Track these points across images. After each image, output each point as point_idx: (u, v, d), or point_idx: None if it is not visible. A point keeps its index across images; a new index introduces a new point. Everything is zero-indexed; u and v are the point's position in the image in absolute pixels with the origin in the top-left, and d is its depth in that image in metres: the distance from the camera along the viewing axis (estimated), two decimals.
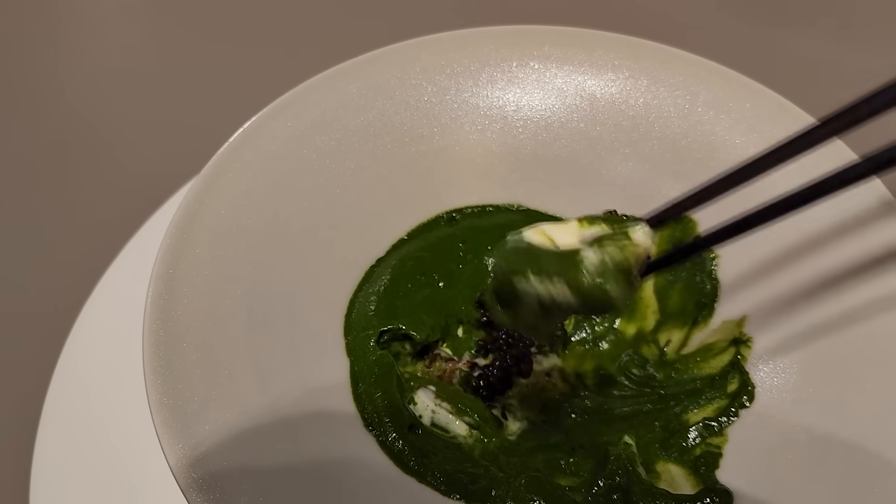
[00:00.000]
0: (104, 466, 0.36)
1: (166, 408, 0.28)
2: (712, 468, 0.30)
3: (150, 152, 0.56)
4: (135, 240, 0.44)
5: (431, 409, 0.34)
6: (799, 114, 0.38)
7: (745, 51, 0.62)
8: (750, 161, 0.29)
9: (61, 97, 0.61)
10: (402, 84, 0.41)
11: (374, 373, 0.34)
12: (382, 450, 0.31)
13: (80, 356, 0.40)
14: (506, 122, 0.42)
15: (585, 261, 0.27)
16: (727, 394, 0.33)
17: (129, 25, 0.68)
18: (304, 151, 0.38)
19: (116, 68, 0.64)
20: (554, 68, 0.42)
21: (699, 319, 0.36)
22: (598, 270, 0.27)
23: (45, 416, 0.38)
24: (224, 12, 0.68)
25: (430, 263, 0.39)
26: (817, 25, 0.65)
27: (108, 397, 0.38)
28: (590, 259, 0.27)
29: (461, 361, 0.38)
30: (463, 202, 0.41)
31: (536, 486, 0.30)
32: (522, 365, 0.37)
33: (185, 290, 0.32)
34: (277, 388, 0.31)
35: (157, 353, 0.30)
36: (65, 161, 0.55)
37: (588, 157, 0.41)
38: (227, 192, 0.35)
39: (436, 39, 0.43)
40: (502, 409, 0.36)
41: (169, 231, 0.33)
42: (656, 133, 0.40)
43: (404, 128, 0.41)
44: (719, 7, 0.67)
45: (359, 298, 0.37)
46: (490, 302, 0.31)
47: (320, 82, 0.40)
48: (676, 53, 0.41)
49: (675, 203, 0.30)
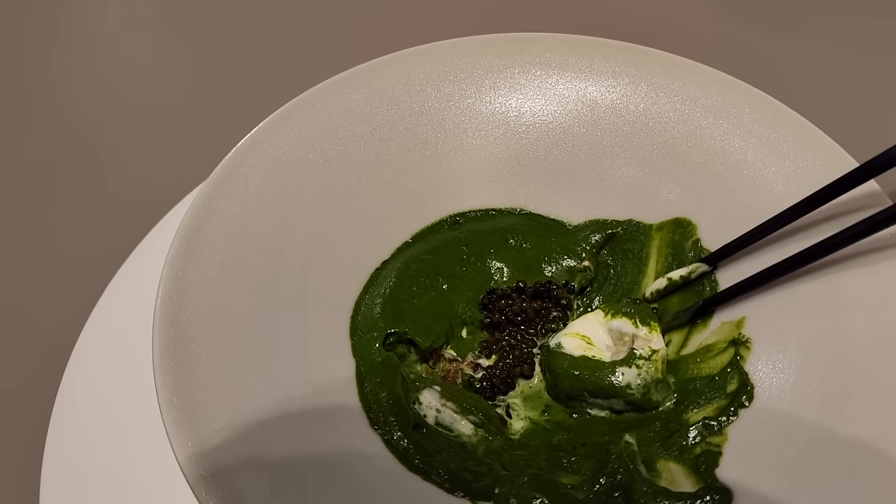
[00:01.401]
0: (114, 465, 0.37)
1: (175, 407, 0.29)
2: (712, 466, 0.30)
3: (161, 157, 0.56)
4: (145, 242, 0.45)
5: (436, 408, 0.34)
6: (796, 119, 0.39)
7: (744, 56, 0.62)
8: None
9: (72, 104, 0.61)
10: (407, 90, 0.42)
11: (379, 373, 0.34)
12: (388, 448, 0.31)
13: (91, 356, 0.40)
14: (508, 127, 0.42)
15: (632, 384, 0.34)
16: (727, 393, 0.33)
17: (136, 36, 0.69)
18: (310, 156, 0.39)
19: (126, 76, 0.65)
20: (555, 75, 0.43)
21: (698, 321, 0.37)
22: (641, 388, 0.34)
23: (55, 415, 0.38)
24: (231, 21, 0.69)
25: (434, 266, 0.39)
26: (815, 31, 0.65)
27: (119, 397, 0.38)
28: (633, 381, 0.34)
29: (465, 362, 0.38)
30: (466, 206, 0.42)
31: (539, 483, 0.30)
32: (525, 366, 0.38)
33: (194, 292, 0.32)
34: (284, 388, 0.32)
35: (166, 354, 0.30)
36: (76, 166, 0.56)
37: (589, 162, 0.42)
38: (235, 195, 0.36)
39: (439, 47, 0.43)
40: (506, 409, 0.36)
41: (178, 234, 0.34)
42: (656, 138, 0.41)
43: (409, 133, 0.41)
44: (717, 14, 0.67)
45: (364, 300, 0.37)
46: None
47: (326, 89, 0.41)
48: (675, 60, 0.42)
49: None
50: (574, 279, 0.40)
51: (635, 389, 0.34)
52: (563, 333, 0.37)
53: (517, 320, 0.39)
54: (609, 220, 0.41)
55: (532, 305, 0.39)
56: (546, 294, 0.40)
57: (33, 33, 0.68)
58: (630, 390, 0.34)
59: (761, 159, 0.38)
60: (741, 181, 0.38)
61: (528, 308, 0.39)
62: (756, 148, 0.39)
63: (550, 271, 0.40)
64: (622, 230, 0.41)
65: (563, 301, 0.40)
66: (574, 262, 0.40)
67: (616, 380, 0.34)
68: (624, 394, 0.34)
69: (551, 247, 0.41)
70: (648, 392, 0.34)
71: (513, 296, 0.40)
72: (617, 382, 0.34)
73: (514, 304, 0.39)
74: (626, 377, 0.34)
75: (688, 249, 0.39)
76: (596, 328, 0.36)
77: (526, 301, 0.40)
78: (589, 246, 0.41)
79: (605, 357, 0.35)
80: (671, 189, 0.40)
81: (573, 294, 0.40)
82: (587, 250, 0.40)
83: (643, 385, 0.34)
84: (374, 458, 0.31)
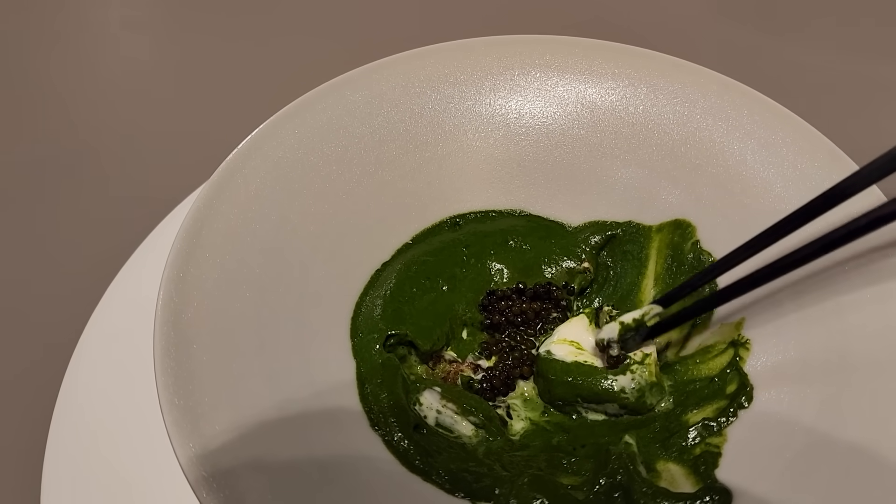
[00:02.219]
0: (115, 465, 0.37)
1: (177, 408, 0.29)
2: (712, 467, 0.31)
3: (161, 159, 0.56)
4: (146, 243, 0.45)
5: (437, 409, 0.34)
6: (796, 121, 0.39)
7: (743, 59, 0.63)
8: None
9: (75, 106, 0.62)
10: (407, 92, 0.42)
11: (380, 374, 0.34)
12: (388, 449, 0.31)
13: (93, 357, 0.40)
14: (508, 129, 0.43)
15: (626, 388, 0.34)
16: (726, 394, 0.33)
17: (139, 37, 0.69)
18: (311, 158, 0.39)
19: (128, 77, 0.65)
20: (555, 77, 0.43)
21: (697, 322, 0.37)
22: (636, 391, 0.34)
23: (56, 416, 0.38)
24: (231, 22, 0.69)
25: (435, 267, 0.39)
26: (814, 33, 0.66)
27: (120, 398, 0.38)
28: (627, 384, 0.34)
29: (465, 363, 0.38)
30: (466, 207, 0.42)
31: (539, 484, 0.30)
32: (525, 367, 0.38)
33: (195, 293, 0.33)
34: (285, 389, 0.32)
35: (167, 355, 0.30)
36: (78, 167, 0.56)
37: (588, 163, 0.42)
38: (235, 197, 0.36)
39: (439, 49, 0.43)
40: (507, 409, 0.36)
41: (179, 235, 0.34)
42: (655, 140, 0.41)
43: (409, 135, 0.42)
44: (717, 16, 0.68)
45: (365, 302, 0.37)
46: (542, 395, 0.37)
47: (327, 91, 0.41)
48: (675, 62, 0.42)
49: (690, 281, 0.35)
50: (574, 280, 0.40)
51: (629, 393, 0.34)
52: (552, 341, 0.37)
53: (517, 321, 0.39)
54: (609, 221, 0.41)
55: (532, 307, 0.40)
56: (546, 295, 0.40)
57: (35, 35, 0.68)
58: (624, 394, 0.34)
59: (760, 161, 0.38)
60: (740, 183, 0.38)
61: (527, 309, 0.39)
62: (755, 150, 0.39)
63: (550, 273, 0.40)
64: (622, 231, 0.41)
65: (563, 302, 0.40)
66: (574, 263, 0.41)
67: (610, 384, 0.34)
68: (618, 398, 0.34)
69: (551, 248, 0.41)
70: (643, 395, 0.34)
71: (513, 297, 0.40)
72: (611, 387, 0.34)
73: (514, 306, 0.40)
74: (620, 381, 0.34)
75: (687, 251, 0.39)
76: (584, 333, 0.37)
77: (526, 302, 0.40)
78: (588, 247, 0.41)
79: (597, 362, 0.35)
80: (670, 191, 0.40)
81: (573, 295, 0.41)
82: (587, 251, 0.41)
83: (637, 389, 0.34)
84: (374, 458, 0.31)
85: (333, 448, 0.31)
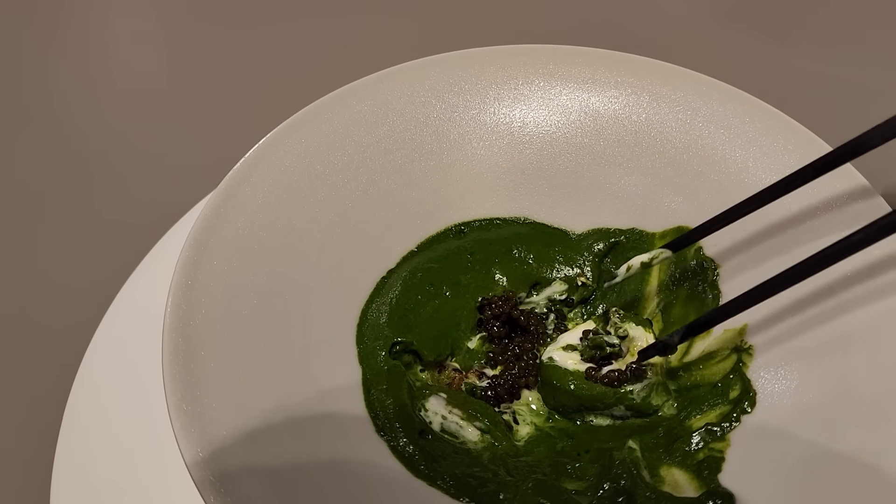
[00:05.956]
0: (124, 470, 0.37)
1: (185, 414, 0.29)
2: (715, 472, 0.31)
3: (170, 168, 0.57)
4: (154, 251, 0.46)
5: (442, 415, 0.35)
6: (797, 128, 0.39)
7: (745, 67, 0.63)
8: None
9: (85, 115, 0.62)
10: (412, 102, 0.42)
11: (385, 380, 0.35)
12: (393, 454, 0.32)
13: (101, 363, 0.41)
14: (512, 137, 0.43)
15: (633, 388, 0.34)
16: (729, 400, 0.33)
17: (147, 45, 0.70)
18: (317, 166, 0.40)
19: (136, 86, 0.66)
20: (558, 86, 0.43)
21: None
22: (642, 392, 0.34)
23: (66, 420, 0.39)
24: (237, 33, 0.70)
25: (439, 274, 0.40)
26: (816, 41, 0.66)
27: (129, 403, 0.39)
28: (634, 385, 0.34)
29: (470, 371, 0.39)
30: (471, 215, 0.42)
31: (543, 489, 0.31)
32: (530, 377, 0.38)
33: (203, 300, 0.33)
34: (292, 395, 0.32)
35: (175, 361, 0.31)
36: (88, 174, 0.57)
37: (592, 171, 0.42)
38: (243, 205, 0.36)
39: (444, 59, 0.44)
40: (513, 415, 0.37)
41: (187, 243, 0.34)
42: (658, 147, 0.41)
43: (414, 144, 0.42)
44: (719, 24, 0.68)
45: (371, 308, 0.38)
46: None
47: (333, 100, 0.41)
48: (677, 70, 0.42)
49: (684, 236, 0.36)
50: (573, 293, 0.41)
51: (636, 394, 0.34)
52: (555, 347, 0.37)
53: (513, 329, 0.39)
54: (612, 228, 0.41)
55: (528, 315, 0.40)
56: (527, 329, 0.40)
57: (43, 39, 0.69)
58: (631, 395, 0.34)
59: (762, 168, 0.39)
60: (742, 190, 0.38)
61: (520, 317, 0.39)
62: (757, 157, 0.39)
63: (553, 279, 0.41)
64: (625, 238, 0.41)
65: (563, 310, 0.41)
66: (575, 272, 0.41)
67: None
68: (625, 399, 0.34)
69: (554, 256, 0.41)
70: (649, 396, 0.34)
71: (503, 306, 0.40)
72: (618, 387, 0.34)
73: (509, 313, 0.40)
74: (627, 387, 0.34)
75: (690, 257, 0.39)
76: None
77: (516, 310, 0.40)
78: (592, 254, 0.41)
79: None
80: (673, 198, 0.40)
81: (571, 307, 0.41)
82: (590, 260, 0.41)
83: (645, 387, 0.34)
84: (380, 463, 0.31)
85: (339, 453, 0.31)
